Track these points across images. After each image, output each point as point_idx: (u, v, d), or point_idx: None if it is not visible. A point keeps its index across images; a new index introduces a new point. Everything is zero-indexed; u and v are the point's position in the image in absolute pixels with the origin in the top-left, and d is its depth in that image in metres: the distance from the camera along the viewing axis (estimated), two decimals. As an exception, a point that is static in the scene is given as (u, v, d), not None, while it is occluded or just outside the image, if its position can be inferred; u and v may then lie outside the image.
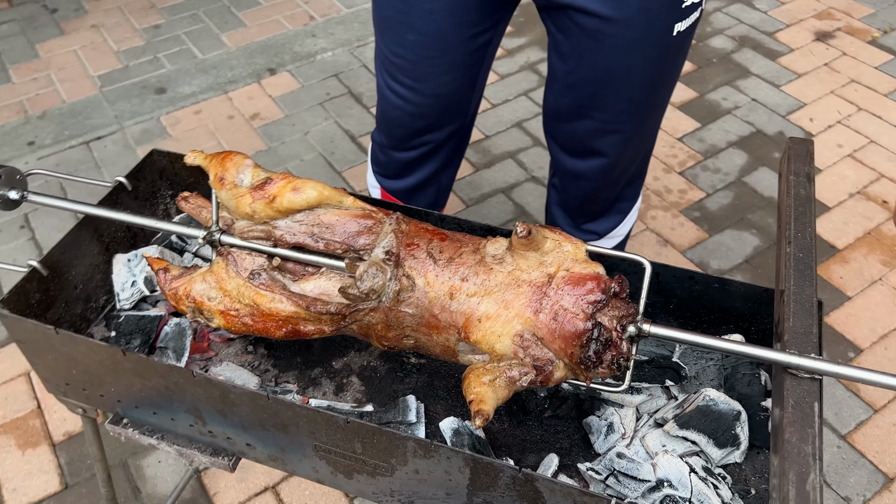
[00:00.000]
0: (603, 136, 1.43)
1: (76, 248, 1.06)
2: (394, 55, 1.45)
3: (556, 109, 1.48)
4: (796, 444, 0.73)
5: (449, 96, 1.50)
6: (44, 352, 0.97)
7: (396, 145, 1.64)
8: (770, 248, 2.29)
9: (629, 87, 1.34)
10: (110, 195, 1.10)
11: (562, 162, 1.57)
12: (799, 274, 0.87)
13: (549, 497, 0.80)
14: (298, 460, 0.94)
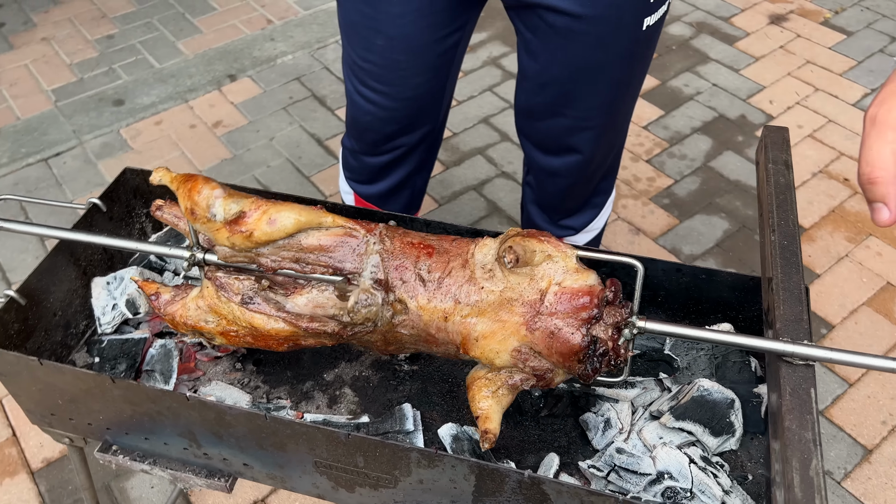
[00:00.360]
0: (577, 133, 1.44)
1: (53, 274, 1.03)
2: (362, 60, 1.43)
3: (529, 108, 1.48)
4: (797, 432, 0.74)
5: (420, 99, 1.49)
6: (27, 383, 0.95)
7: (368, 150, 1.63)
8: (740, 230, 2.33)
9: (601, 83, 1.35)
10: (85, 217, 1.07)
11: (536, 160, 1.57)
12: (785, 261, 0.89)
13: (556, 499, 0.80)
14: (298, 477, 0.93)
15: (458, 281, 0.83)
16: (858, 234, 2.29)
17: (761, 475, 0.96)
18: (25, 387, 0.96)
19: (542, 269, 0.82)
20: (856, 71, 2.88)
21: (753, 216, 2.37)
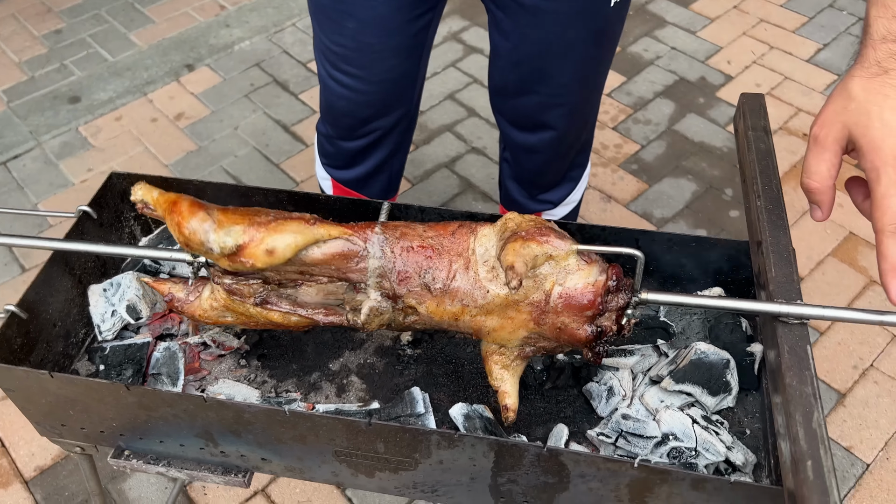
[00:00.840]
0: (550, 109, 1.46)
1: (49, 286, 1.02)
2: (334, 44, 1.43)
3: (503, 86, 1.50)
4: (797, 387, 0.78)
5: (394, 82, 1.49)
6: (36, 397, 0.94)
7: (344, 135, 1.63)
8: (707, 191, 2.39)
9: (573, 60, 1.37)
10: (77, 226, 1.06)
11: (512, 137, 1.60)
12: (773, 225, 0.93)
13: (574, 468, 0.84)
14: (318, 467, 0.95)
15: (463, 285, 0.85)
16: (820, 188, 2.37)
17: (758, 429, 1.01)
18: (35, 400, 0.95)
19: (544, 269, 0.84)
20: (808, 27, 2.94)
21: (720, 176, 2.43)
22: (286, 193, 1.12)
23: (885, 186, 0.76)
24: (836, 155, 0.82)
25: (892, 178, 0.75)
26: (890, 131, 0.77)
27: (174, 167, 2.57)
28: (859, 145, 0.79)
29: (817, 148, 0.83)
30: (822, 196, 0.84)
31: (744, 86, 2.73)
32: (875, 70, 0.80)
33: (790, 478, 0.75)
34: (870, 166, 0.78)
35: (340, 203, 1.09)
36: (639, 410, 1.00)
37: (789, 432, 0.77)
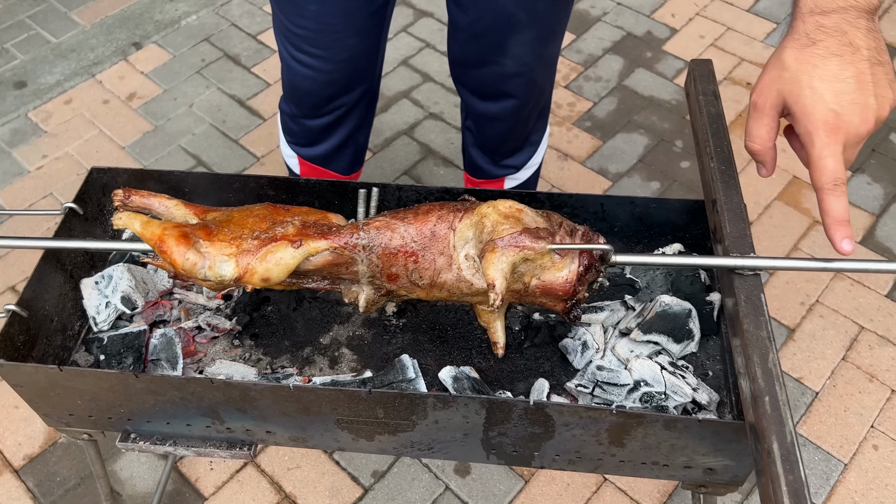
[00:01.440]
0: (511, 79, 1.51)
1: (44, 283, 1.05)
2: (296, 26, 1.45)
3: (463, 58, 1.54)
4: (754, 332, 0.87)
5: (356, 59, 1.53)
6: (45, 390, 0.99)
7: (309, 114, 1.66)
8: (659, 144, 2.48)
9: (531, 29, 1.42)
10: (64, 223, 1.09)
11: (474, 106, 1.65)
12: (725, 184, 1.01)
13: (558, 418, 0.92)
14: (320, 435, 1.02)
15: (448, 279, 0.94)
16: (764, 135, 2.48)
17: (719, 370, 1.10)
18: (43, 394, 1.00)
19: (522, 268, 0.92)
20: (746, -23, 3.03)
21: (670, 129, 2.52)
22: (266, 179, 1.16)
23: (819, 149, 0.84)
24: (773, 119, 0.90)
25: (823, 140, 0.84)
26: (819, 98, 0.85)
27: (131, 149, 2.55)
28: (793, 111, 0.87)
29: (757, 114, 0.91)
30: (764, 156, 0.93)
31: (689, 38, 2.81)
32: (804, 41, 0.87)
33: (750, 412, 0.85)
34: (803, 131, 0.86)
35: (320, 185, 1.14)
36: (611, 361, 1.09)
37: (748, 372, 0.86)
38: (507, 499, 1.76)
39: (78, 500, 1.80)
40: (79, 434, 1.10)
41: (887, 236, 2.21)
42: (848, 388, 1.91)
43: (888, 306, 2.05)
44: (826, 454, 1.80)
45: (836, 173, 0.84)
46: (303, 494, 1.79)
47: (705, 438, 0.93)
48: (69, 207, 1.09)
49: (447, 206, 0.95)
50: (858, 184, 2.33)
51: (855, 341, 1.99)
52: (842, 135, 0.84)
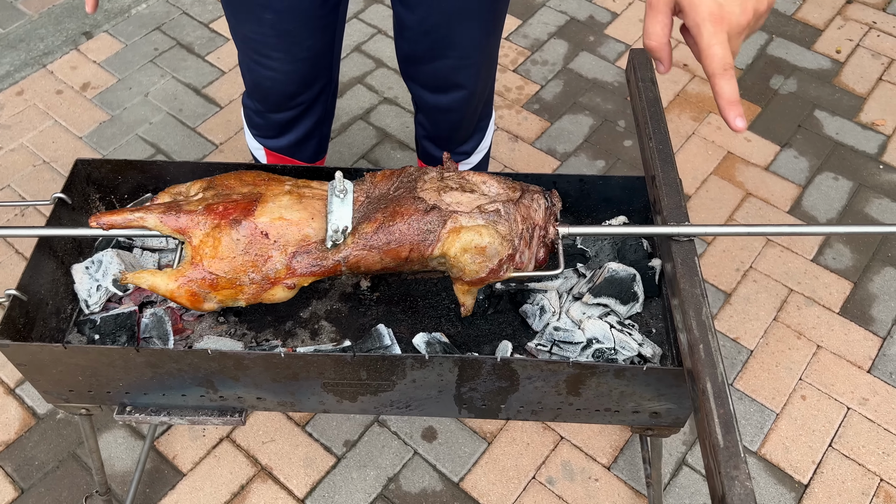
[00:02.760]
0: (461, 70, 1.61)
1: (38, 269, 1.12)
2: (253, 33, 1.50)
3: (413, 55, 1.62)
4: (689, 290, 1.01)
5: (316, 57, 1.60)
6: (47, 368, 1.06)
7: (273, 109, 1.72)
8: (603, 124, 2.62)
9: (478, 21, 1.51)
10: (55, 212, 1.16)
11: (425, 99, 1.73)
12: (663, 162, 1.14)
13: (522, 372, 1.04)
14: (307, 399, 1.12)
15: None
16: (700, 113, 2.64)
17: (661, 328, 1.24)
18: (45, 371, 1.07)
19: None
20: (681, -37, 3.17)
21: (613, 110, 2.66)
22: (246, 167, 1.24)
23: (707, 38, 0.93)
24: (667, 16, 0.97)
25: (710, 30, 0.92)
26: None
27: (88, 139, 2.57)
28: (682, 7, 0.95)
29: (652, 12, 0.97)
30: (661, 52, 0.99)
31: (629, 22, 2.95)
32: None
33: (688, 360, 0.98)
34: (692, 23, 0.94)
35: (296, 171, 1.23)
36: (566, 322, 1.22)
37: (685, 324, 0.99)
38: (471, 460, 1.89)
39: (58, 483, 1.86)
40: (76, 409, 1.18)
41: (812, 206, 2.40)
42: (779, 346, 2.09)
43: (814, 270, 2.24)
44: (760, 405, 1.98)
45: (725, 59, 0.92)
46: (278, 466, 1.88)
47: (650, 384, 1.06)
48: (58, 197, 1.16)
49: (417, 232, 1.04)
50: (786, 158, 2.51)
51: (785, 303, 2.17)
52: (725, 24, 0.92)
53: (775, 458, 1.89)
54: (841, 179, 2.46)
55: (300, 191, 1.05)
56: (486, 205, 1.04)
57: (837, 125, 2.61)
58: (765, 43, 2.87)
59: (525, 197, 1.07)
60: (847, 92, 2.71)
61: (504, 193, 1.06)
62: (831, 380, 2.02)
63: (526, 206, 1.06)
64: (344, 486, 1.85)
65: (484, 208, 1.04)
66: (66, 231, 1.04)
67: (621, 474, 1.87)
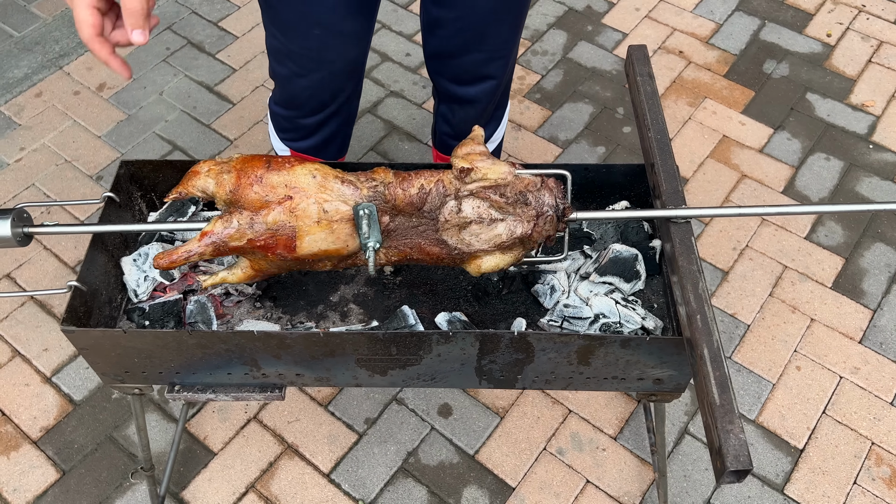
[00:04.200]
0: (492, 62, 1.66)
1: (94, 262, 1.23)
2: (300, 48, 1.56)
3: (443, 51, 1.67)
4: (687, 267, 1.11)
5: (353, 65, 1.66)
6: (107, 351, 1.17)
7: (307, 114, 1.78)
8: (602, 111, 2.72)
9: (511, 16, 1.58)
10: (105, 210, 1.26)
11: (452, 91, 1.77)
12: (661, 150, 1.24)
13: (537, 345, 1.15)
14: (342, 374, 1.23)
15: None
16: (696, 99, 2.74)
17: (662, 303, 1.35)
18: (105, 354, 1.18)
19: None
20: (675, -49, 3.26)
21: (612, 97, 2.76)
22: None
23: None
24: None
25: None
26: None
27: (107, 138, 2.67)
28: None
29: None
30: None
31: (625, 11, 3.04)
32: None
33: (686, 329, 1.09)
34: None
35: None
36: (575, 300, 1.33)
37: (683, 298, 1.10)
38: (485, 433, 2.01)
39: (97, 464, 1.98)
40: (130, 389, 1.29)
41: (805, 186, 2.50)
42: (774, 320, 2.20)
43: (807, 247, 2.35)
44: (757, 377, 2.09)
45: None
46: (304, 443, 2.00)
47: (653, 353, 1.17)
48: (108, 196, 1.27)
49: (442, 258, 1.16)
50: (779, 140, 2.62)
51: (780, 279, 2.28)
52: None
53: (772, 426, 2.01)
54: (832, 159, 2.56)
55: (327, 217, 1.11)
56: (506, 241, 1.14)
57: (829, 107, 2.71)
58: (757, 28, 2.96)
59: (538, 209, 1.16)
60: (838, 74, 2.80)
61: (520, 220, 1.14)
62: (824, 351, 2.13)
63: (542, 218, 1.16)
64: (366, 460, 1.97)
65: (503, 245, 1.14)
66: (134, 227, 1.15)
67: (627, 444, 1.98)
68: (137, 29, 0.96)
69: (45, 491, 1.94)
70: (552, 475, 1.94)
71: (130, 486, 1.92)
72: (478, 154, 1.12)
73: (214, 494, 1.91)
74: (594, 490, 1.91)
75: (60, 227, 1.15)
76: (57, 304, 2.23)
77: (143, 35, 0.96)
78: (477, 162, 1.12)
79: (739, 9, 3.04)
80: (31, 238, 1.17)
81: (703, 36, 2.95)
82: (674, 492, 1.90)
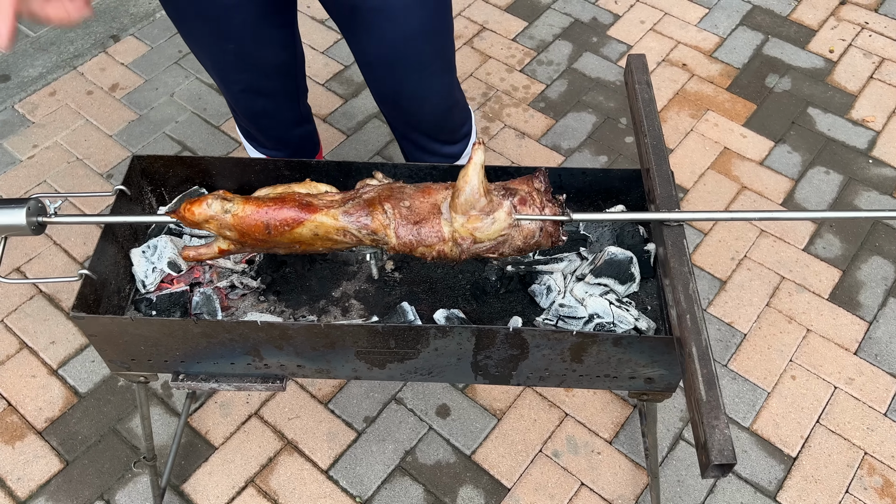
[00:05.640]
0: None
1: (104, 253, 1.27)
2: (217, 62, 1.66)
3: None
4: (678, 268, 1.15)
5: (281, 70, 1.74)
6: (114, 338, 1.21)
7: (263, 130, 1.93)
8: (605, 121, 2.76)
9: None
10: (117, 202, 1.30)
11: None
12: (657, 156, 1.28)
13: (532, 341, 1.19)
14: (341, 366, 1.26)
15: None
16: (698, 111, 2.78)
17: (655, 305, 1.38)
18: (113, 342, 1.22)
19: None
20: (681, -34, 3.31)
21: (615, 108, 2.80)
22: (283, 162, 1.39)
23: None
24: None
25: None
26: None
27: (119, 137, 2.72)
28: None
29: None
30: None
31: (630, 23, 3.09)
32: None
33: (677, 329, 1.12)
34: None
35: (328, 166, 1.37)
36: (570, 300, 1.36)
37: (674, 297, 1.14)
38: (482, 435, 2.04)
39: (100, 455, 2.01)
40: (136, 377, 1.32)
41: (804, 198, 2.53)
42: (771, 330, 2.23)
43: (804, 258, 2.38)
44: (752, 385, 2.12)
45: None
46: (303, 440, 2.03)
47: (644, 352, 1.20)
48: (120, 189, 1.31)
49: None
50: (780, 153, 2.65)
51: (777, 289, 2.31)
52: None
53: (766, 434, 2.03)
54: (832, 173, 2.59)
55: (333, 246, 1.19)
56: None
57: (829, 122, 2.74)
58: (761, 43, 3.00)
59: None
60: (839, 90, 2.84)
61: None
62: (820, 361, 2.16)
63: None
64: (364, 458, 2.00)
65: None
66: (141, 219, 1.19)
67: (622, 448, 2.01)
68: None
69: (49, 480, 1.97)
70: (547, 477, 1.96)
71: (132, 478, 1.96)
72: (477, 212, 1.14)
73: (214, 488, 1.95)
74: (588, 492, 1.94)
75: (74, 217, 1.19)
76: (65, 297, 2.27)
77: (86, 8, 0.96)
78: (476, 223, 1.14)
79: (743, 23, 3.08)
80: (44, 227, 1.21)
81: (707, 49, 2.99)
82: (667, 496, 1.93)
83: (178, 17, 1.53)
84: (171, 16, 1.52)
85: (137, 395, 1.41)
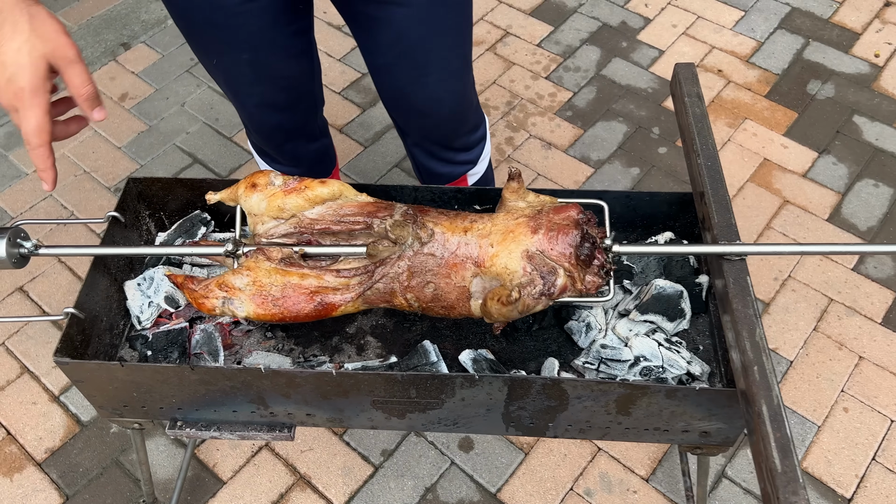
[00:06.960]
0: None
1: (94, 286, 1.14)
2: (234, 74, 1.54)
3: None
4: (742, 311, 1.00)
5: (295, 83, 1.63)
6: (104, 384, 1.08)
7: (272, 142, 1.81)
8: (637, 131, 2.61)
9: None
10: (109, 230, 1.18)
11: None
12: (712, 178, 1.13)
13: (572, 392, 1.04)
14: (356, 416, 1.13)
15: (472, 216, 1.08)
16: (736, 119, 2.62)
17: (708, 344, 1.23)
18: (101, 387, 1.09)
19: (534, 200, 1.05)
20: (715, -33, 3.15)
21: (647, 116, 2.64)
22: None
23: None
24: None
25: None
26: None
27: (127, 149, 2.61)
28: None
29: None
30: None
31: (661, 27, 2.93)
32: None
33: (741, 380, 0.97)
34: None
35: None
36: (613, 340, 1.21)
37: (738, 345, 0.99)
38: (508, 471, 1.89)
39: (102, 489, 1.89)
40: (129, 424, 1.20)
41: (852, 213, 2.36)
42: (819, 357, 2.06)
43: (854, 279, 2.21)
44: (801, 418, 1.96)
45: None
46: (317, 474, 1.90)
47: (701, 405, 1.05)
48: (112, 216, 1.18)
49: None
50: (824, 164, 2.48)
51: (825, 313, 2.15)
52: None
53: (818, 472, 1.87)
54: (881, 186, 2.42)
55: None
56: None
57: (877, 130, 2.57)
58: (801, 47, 2.84)
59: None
60: (886, 97, 2.67)
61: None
62: (874, 391, 1.99)
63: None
64: (382, 495, 1.86)
65: None
66: (134, 250, 1.07)
67: (660, 486, 1.86)
68: (98, 107, 1.00)
69: (48, 516, 1.86)
70: (579, 518, 1.81)
71: (135, 516, 1.84)
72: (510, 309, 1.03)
73: (222, 527, 1.82)
74: (624, 536, 1.79)
75: (62, 248, 1.07)
76: (68, 320, 2.16)
77: (103, 111, 1.00)
78: (508, 315, 1.04)
79: (782, 27, 2.91)
80: (27, 259, 1.08)
81: (744, 54, 2.83)
82: (710, 541, 1.77)
83: (187, 28, 1.41)
84: (180, 26, 1.41)
85: (133, 440, 1.29)
